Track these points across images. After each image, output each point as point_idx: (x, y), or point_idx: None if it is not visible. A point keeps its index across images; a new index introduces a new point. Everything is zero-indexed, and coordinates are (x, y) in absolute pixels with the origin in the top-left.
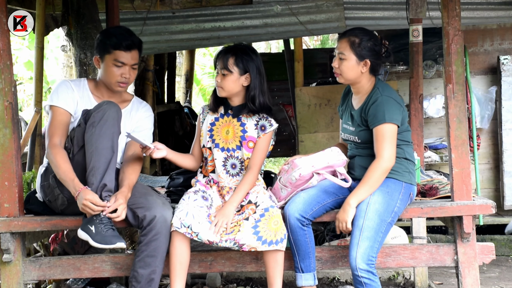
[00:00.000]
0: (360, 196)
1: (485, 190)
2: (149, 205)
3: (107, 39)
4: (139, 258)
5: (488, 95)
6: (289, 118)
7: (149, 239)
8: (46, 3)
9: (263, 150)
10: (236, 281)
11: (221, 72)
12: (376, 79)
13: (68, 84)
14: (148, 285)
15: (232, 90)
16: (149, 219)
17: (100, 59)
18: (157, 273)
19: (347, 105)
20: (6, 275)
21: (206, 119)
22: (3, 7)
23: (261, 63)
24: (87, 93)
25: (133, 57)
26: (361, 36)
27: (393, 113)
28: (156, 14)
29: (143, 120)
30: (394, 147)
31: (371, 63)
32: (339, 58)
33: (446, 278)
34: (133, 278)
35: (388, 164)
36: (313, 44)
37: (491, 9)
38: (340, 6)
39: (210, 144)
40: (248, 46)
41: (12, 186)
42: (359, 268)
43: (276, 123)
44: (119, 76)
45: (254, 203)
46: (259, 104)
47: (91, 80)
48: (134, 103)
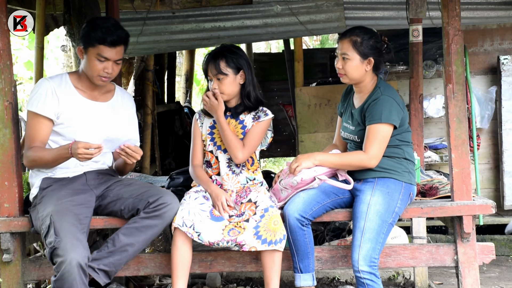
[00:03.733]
0: (327, 161)
1: (485, 190)
2: (161, 194)
3: (93, 31)
4: (128, 226)
5: (488, 95)
6: (289, 118)
7: (149, 216)
8: (46, 3)
9: (257, 134)
10: (236, 281)
11: (215, 77)
12: (378, 79)
13: (47, 85)
14: (120, 252)
15: (233, 91)
16: (160, 202)
17: (83, 50)
18: (135, 248)
19: (348, 104)
20: (6, 275)
21: (204, 123)
22: (3, 7)
23: (248, 58)
24: (70, 88)
25: (117, 53)
26: (362, 35)
27: (390, 113)
28: (156, 14)
29: (130, 118)
30: (383, 149)
31: (375, 60)
32: (342, 59)
33: (446, 278)
34: (111, 240)
35: (371, 162)
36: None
37: (491, 9)
38: (340, 6)
39: (212, 147)
40: (232, 44)
41: (12, 186)
42: (361, 270)
43: (272, 114)
44: (101, 71)
45: (254, 202)
46: (254, 99)
47: (74, 73)
48: (117, 94)
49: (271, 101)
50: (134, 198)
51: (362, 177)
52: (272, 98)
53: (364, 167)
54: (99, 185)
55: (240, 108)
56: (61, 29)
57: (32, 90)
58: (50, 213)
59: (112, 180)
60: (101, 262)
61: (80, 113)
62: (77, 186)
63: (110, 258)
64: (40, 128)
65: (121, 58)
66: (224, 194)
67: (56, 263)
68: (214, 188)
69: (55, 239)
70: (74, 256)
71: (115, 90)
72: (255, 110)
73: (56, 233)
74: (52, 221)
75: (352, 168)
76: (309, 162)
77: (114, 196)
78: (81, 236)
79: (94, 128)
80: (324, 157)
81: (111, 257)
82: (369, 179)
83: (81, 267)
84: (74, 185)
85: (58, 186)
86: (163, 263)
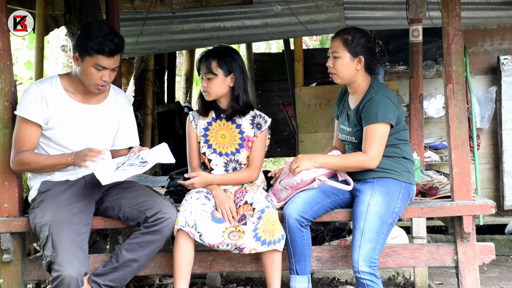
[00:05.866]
0: (327, 163)
1: (485, 190)
2: (159, 207)
3: (89, 41)
4: (130, 241)
5: (488, 95)
6: (289, 118)
7: (148, 231)
8: (46, 3)
9: (262, 148)
10: (236, 281)
11: (206, 76)
12: (372, 79)
13: (36, 90)
14: (124, 268)
15: (219, 92)
16: (158, 216)
17: (79, 58)
18: (138, 263)
19: (343, 106)
20: (6, 275)
21: (199, 124)
22: (3, 7)
23: (243, 63)
24: (60, 92)
25: (115, 62)
26: (353, 33)
27: (386, 112)
28: (156, 14)
29: (127, 117)
30: (382, 148)
31: (365, 60)
32: (333, 57)
33: (446, 278)
34: (115, 255)
35: (372, 163)
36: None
37: (491, 9)
38: (340, 6)
39: (205, 149)
40: (229, 47)
41: (12, 186)
42: (361, 270)
43: (269, 118)
44: (99, 79)
45: (250, 204)
46: (243, 103)
47: (65, 76)
48: (111, 95)
49: (271, 101)
50: (132, 208)
51: (362, 177)
52: (272, 98)
53: (365, 168)
54: (98, 190)
55: (230, 110)
56: (61, 29)
57: (22, 94)
58: (49, 222)
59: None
60: (106, 278)
61: (71, 117)
62: (76, 192)
63: (115, 273)
64: (29, 133)
65: (118, 65)
66: (228, 201)
67: (53, 276)
68: (218, 192)
69: (52, 253)
70: (69, 273)
71: (109, 91)
72: (249, 114)
73: (54, 247)
74: (50, 232)
75: (353, 169)
76: (309, 164)
77: (112, 201)
78: (78, 251)
79: (85, 132)
80: (324, 159)
81: (116, 273)
82: (369, 180)
83: (76, 283)
84: (73, 191)
85: (57, 191)
86: (163, 263)
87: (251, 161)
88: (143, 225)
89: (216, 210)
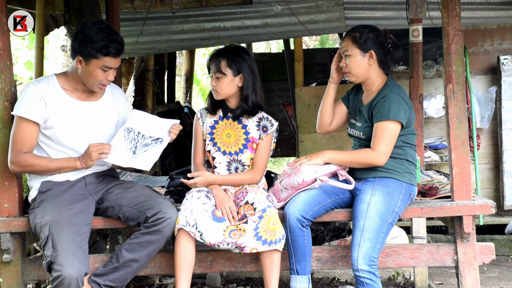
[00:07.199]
0: (336, 159)
1: (485, 190)
2: (159, 207)
3: (93, 43)
4: (130, 242)
5: (488, 95)
6: (289, 118)
7: (149, 231)
8: (46, 3)
9: (267, 151)
10: (236, 281)
11: (215, 75)
12: (388, 78)
13: (34, 89)
14: (124, 268)
15: (228, 92)
16: (159, 217)
17: (84, 61)
18: (138, 263)
19: (356, 101)
20: (6, 275)
21: (206, 122)
22: (3, 7)
23: (253, 63)
24: (58, 91)
25: (119, 60)
26: (361, 29)
27: (399, 111)
28: (156, 14)
29: (126, 112)
30: (391, 146)
31: (377, 54)
32: (345, 57)
33: (446, 278)
34: (115, 255)
35: (379, 160)
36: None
37: (491, 9)
38: (340, 6)
39: (210, 147)
40: (240, 47)
41: (12, 186)
42: (360, 269)
43: (276, 121)
44: (104, 79)
45: (251, 204)
46: (252, 103)
47: (61, 75)
48: (108, 91)
49: (271, 101)
50: (133, 207)
51: (363, 176)
52: (272, 98)
53: (372, 165)
54: (98, 190)
55: (239, 110)
56: (61, 29)
57: (19, 94)
58: (49, 223)
59: (112, 182)
60: (106, 278)
61: (70, 115)
62: (76, 192)
63: (115, 273)
64: (28, 132)
65: (120, 63)
66: (228, 201)
67: (53, 276)
68: (218, 192)
69: (52, 253)
70: (70, 273)
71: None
72: (256, 115)
73: (54, 247)
74: (50, 232)
75: (361, 165)
76: (318, 159)
77: (113, 201)
78: (78, 251)
79: (85, 129)
80: (333, 154)
81: (116, 273)
82: (370, 179)
83: (76, 283)
84: (73, 191)
85: (57, 191)
86: (163, 263)
87: (255, 163)
88: (143, 225)
89: (216, 209)
